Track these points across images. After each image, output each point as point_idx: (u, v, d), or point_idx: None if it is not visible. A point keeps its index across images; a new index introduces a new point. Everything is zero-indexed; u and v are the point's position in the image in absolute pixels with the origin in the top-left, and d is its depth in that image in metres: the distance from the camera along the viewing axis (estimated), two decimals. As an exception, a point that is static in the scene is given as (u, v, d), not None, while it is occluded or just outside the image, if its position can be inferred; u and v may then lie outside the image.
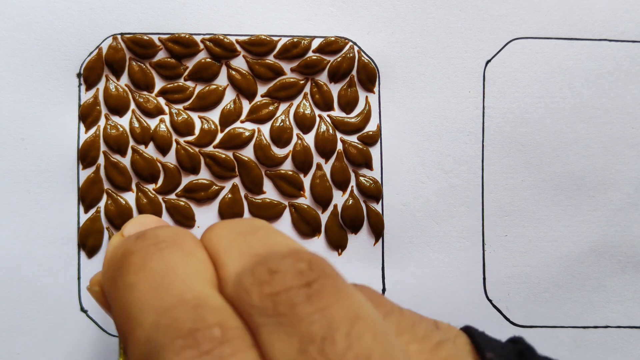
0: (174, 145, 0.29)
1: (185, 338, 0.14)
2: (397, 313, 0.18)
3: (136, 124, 0.29)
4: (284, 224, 0.30)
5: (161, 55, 0.29)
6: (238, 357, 0.13)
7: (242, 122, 0.30)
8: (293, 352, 0.13)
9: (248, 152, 0.29)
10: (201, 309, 0.14)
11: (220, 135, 0.29)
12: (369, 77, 0.30)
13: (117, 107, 0.29)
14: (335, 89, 0.30)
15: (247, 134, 0.29)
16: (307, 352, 0.13)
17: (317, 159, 0.30)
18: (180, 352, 0.13)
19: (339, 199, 0.30)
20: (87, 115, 0.29)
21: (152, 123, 0.29)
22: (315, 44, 0.29)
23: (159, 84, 0.29)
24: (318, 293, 0.14)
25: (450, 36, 0.30)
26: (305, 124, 0.30)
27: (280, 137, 0.30)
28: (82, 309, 0.29)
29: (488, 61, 0.30)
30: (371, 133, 0.30)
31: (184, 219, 0.29)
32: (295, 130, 0.30)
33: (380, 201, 0.30)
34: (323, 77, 0.30)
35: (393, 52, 0.30)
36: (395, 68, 0.30)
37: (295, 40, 0.29)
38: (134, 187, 0.29)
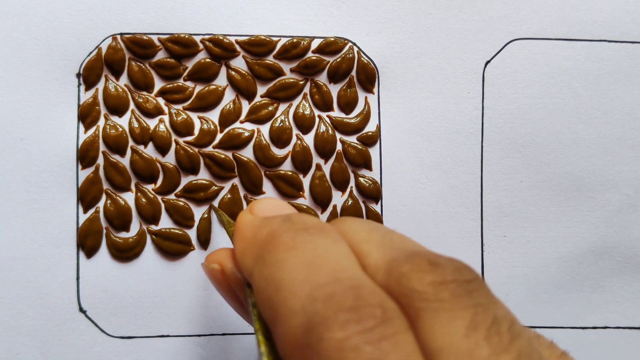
0: (174, 145, 0.29)
1: (349, 312, 0.14)
2: (532, 332, 0.19)
3: (135, 124, 0.29)
4: (283, 224, 0.30)
5: (161, 55, 0.29)
6: (398, 337, 0.14)
7: (241, 122, 0.30)
8: (456, 336, 0.14)
9: (247, 153, 0.29)
10: (358, 288, 0.15)
11: (219, 136, 0.29)
12: (368, 78, 0.30)
13: (117, 107, 0.29)
14: (334, 90, 0.30)
15: (246, 134, 0.29)
16: (471, 337, 0.14)
17: (316, 159, 0.30)
18: (344, 326, 0.14)
19: (338, 199, 0.30)
20: (87, 115, 0.29)
21: (152, 123, 0.29)
22: (314, 44, 0.29)
23: (158, 84, 0.29)
24: (477, 290, 0.15)
25: (449, 37, 0.30)
26: (304, 124, 0.30)
27: (280, 137, 0.29)
28: (81, 309, 0.29)
29: (487, 62, 0.30)
30: (370, 134, 0.30)
31: (183, 219, 0.29)
32: (295, 131, 0.30)
33: (380, 202, 0.30)
34: (322, 78, 0.30)
35: (392, 52, 0.30)
36: (394, 69, 0.30)
37: (294, 40, 0.29)
38: (133, 187, 0.29)
